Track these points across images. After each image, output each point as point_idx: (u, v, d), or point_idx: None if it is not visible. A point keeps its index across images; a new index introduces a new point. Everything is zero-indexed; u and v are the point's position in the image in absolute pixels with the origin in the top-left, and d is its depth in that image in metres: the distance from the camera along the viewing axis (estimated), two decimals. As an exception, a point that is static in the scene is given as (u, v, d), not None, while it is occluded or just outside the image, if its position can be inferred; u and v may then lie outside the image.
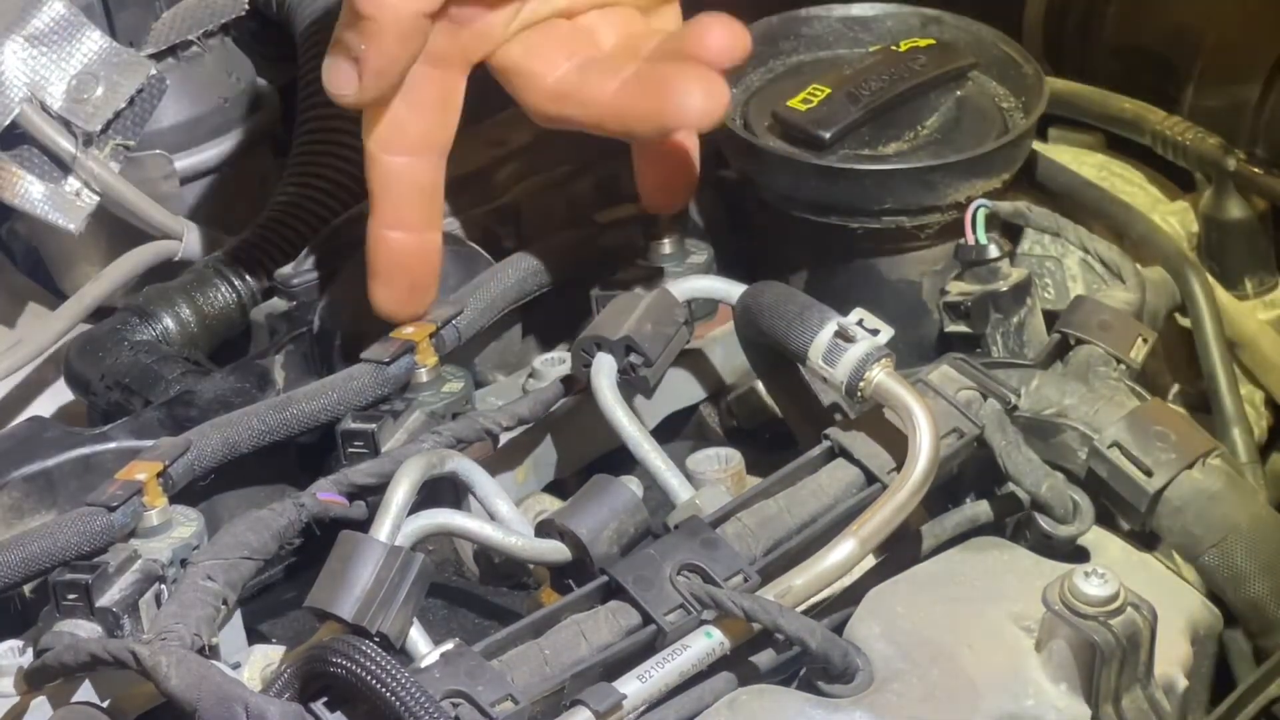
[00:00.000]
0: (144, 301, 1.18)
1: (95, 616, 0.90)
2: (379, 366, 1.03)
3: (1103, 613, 0.86)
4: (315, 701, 0.82)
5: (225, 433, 1.00)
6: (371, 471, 0.96)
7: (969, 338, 1.09)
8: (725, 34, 0.96)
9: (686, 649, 0.86)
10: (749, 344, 1.02)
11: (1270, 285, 1.26)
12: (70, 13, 1.23)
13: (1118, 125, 1.27)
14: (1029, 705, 0.87)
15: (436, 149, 1.01)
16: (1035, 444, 0.98)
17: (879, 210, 1.10)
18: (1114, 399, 1.00)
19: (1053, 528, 0.97)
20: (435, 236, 1.03)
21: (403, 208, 1.01)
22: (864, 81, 1.14)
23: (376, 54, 0.96)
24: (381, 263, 1.02)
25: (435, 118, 1.00)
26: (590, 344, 1.01)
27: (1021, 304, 1.09)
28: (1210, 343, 1.17)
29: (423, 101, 0.99)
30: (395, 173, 1.00)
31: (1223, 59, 1.29)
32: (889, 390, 0.93)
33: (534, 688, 0.84)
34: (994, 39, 1.19)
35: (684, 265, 1.11)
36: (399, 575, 0.87)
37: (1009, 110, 1.16)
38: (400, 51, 0.97)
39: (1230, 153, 1.23)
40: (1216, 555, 0.97)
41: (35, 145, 1.22)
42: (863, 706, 0.86)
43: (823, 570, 0.89)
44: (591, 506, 0.93)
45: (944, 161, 1.10)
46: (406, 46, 0.96)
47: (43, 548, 0.93)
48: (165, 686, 0.81)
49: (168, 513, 0.95)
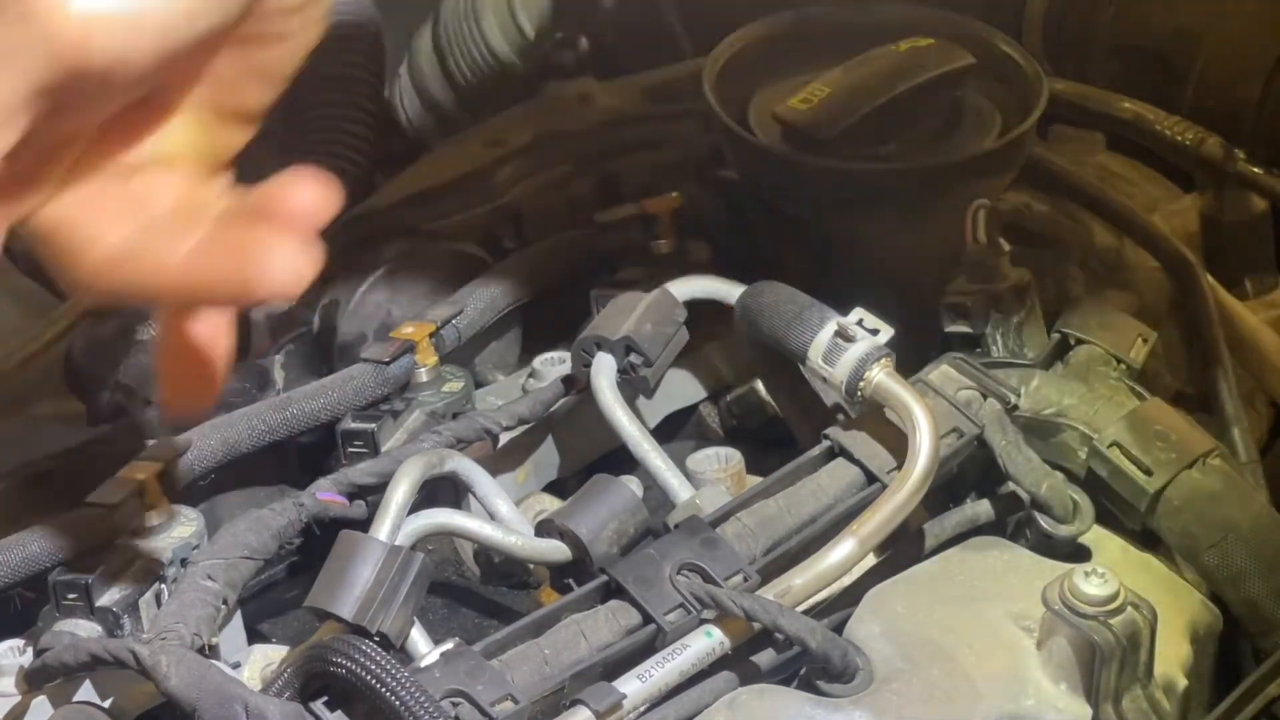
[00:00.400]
0: (144, 301, 1.18)
1: (95, 616, 0.90)
2: (379, 366, 1.03)
3: (1103, 612, 0.86)
4: (315, 701, 0.82)
5: (225, 433, 1.01)
6: (371, 471, 0.96)
7: (969, 337, 1.09)
8: (313, 192, 0.80)
9: (686, 648, 0.86)
10: (748, 344, 1.02)
11: (1270, 285, 1.26)
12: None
13: (1118, 125, 1.27)
14: (1029, 705, 0.87)
15: None
16: (1035, 444, 0.98)
17: (879, 210, 1.10)
18: (1114, 399, 1.00)
19: (1053, 527, 0.97)
20: None
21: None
22: (864, 82, 1.14)
23: None
24: None
25: None
26: (590, 344, 1.01)
27: (1021, 304, 1.09)
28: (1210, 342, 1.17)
29: None
30: None
31: (1223, 59, 1.29)
32: (889, 390, 0.93)
33: (534, 687, 0.84)
34: (994, 39, 1.19)
35: (684, 265, 1.11)
36: (399, 575, 0.87)
37: (1009, 110, 1.16)
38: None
39: (1230, 152, 1.23)
40: (1216, 555, 0.97)
41: (35, 145, 1.21)
42: (862, 706, 0.86)
43: (822, 570, 0.89)
44: (591, 506, 0.93)
45: (944, 161, 1.10)
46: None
47: (43, 548, 0.93)
48: (165, 686, 0.81)
49: (168, 512, 0.95)
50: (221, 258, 0.79)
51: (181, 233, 0.79)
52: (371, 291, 1.13)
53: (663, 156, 1.20)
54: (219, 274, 0.79)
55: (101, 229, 0.78)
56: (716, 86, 1.16)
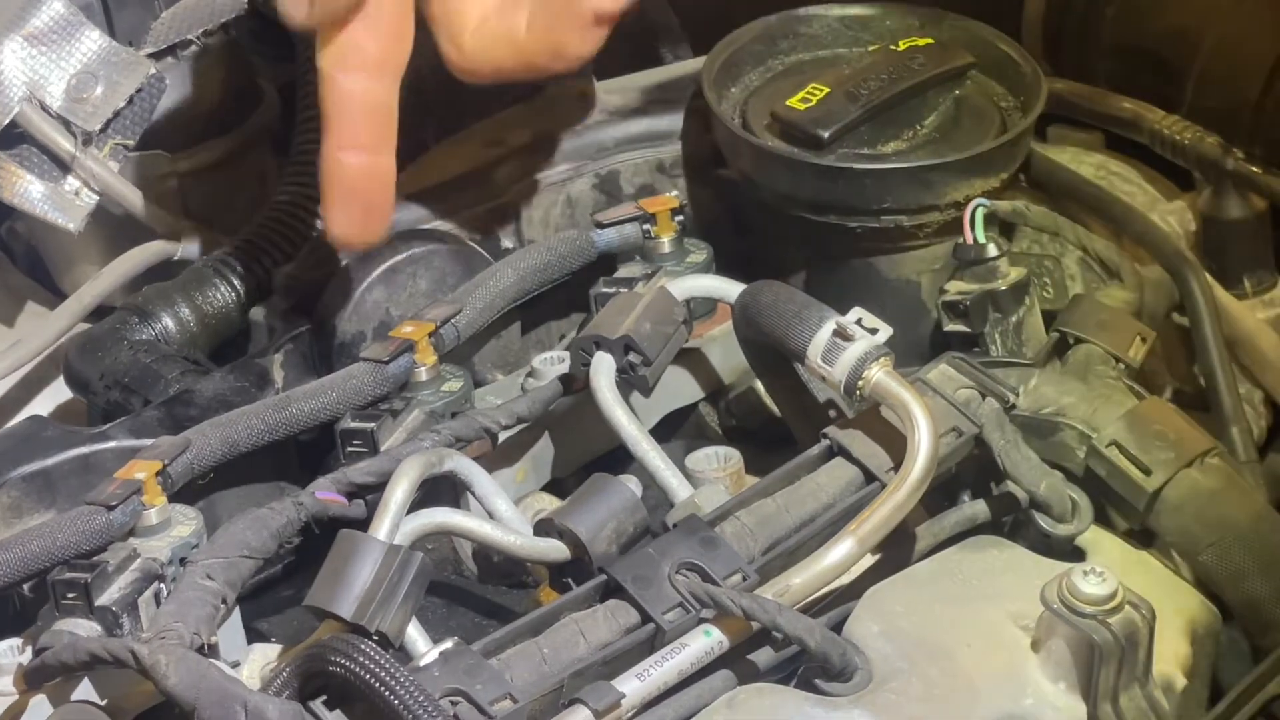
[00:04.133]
0: (143, 301, 1.18)
1: (94, 615, 0.90)
2: (378, 365, 1.03)
3: (1101, 611, 0.86)
4: (314, 700, 0.82)
5: (224, 432, 1.01)
6: (370, 470, 0.96)
7: (967, 337, 1.09)
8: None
9: (685, 647, 0.86)
10: (747, 343, 1.02)
11: (1269, 284, 1.26)
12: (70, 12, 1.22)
13: (1117, 125, 1.27)
14: (1027, 704, 0.88)
15: (392, 70, 1.00)
16: (1034, 443, 0.98)
17: (878, 209, 1.11)
18: (1112, 398, 1.00)
19: (1051, 526, 0.97)
20: (389, 159, 1.01)
21: (358, 129, 1.00)
22: (863, 81, 1.14)
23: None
24: (335, 185, 1.01)
25: (391, 38, 0.99)
26: (589, 343, 1.01)
27: (1020, 303, 1.09)
28: (1209, 342, 1.17)
29: (378, 23, 0.98)
30: (351, 93, 0.99)
31: (1222, 59, 1.29)
32: (888, 389, 0.93)
33: (533, 686, 0.84)
34: (993, 38, 1.19)
35: (683, 264, 1.11)
36: (398, 574, 0.87)
37: (1008, 110, 1.16)
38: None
39: (1229, 152, 1.23)
40: (1215, 554, 0.97)
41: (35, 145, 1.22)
42: (861, 705, 0.86)
43: (821, 569, 0.89)
44: (590, 505, 0.93)
45: (943, 161, 1.10)
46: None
47: (42, 547, 0.93)
48: (164, 685, 0.81)
49: (167, 511, 0.96)
50: (549, 8, 0.97)
51: (521, 10, 0.99)
52: (371, 291, 1.13)
53: (663, 156, 1.20)
54: (552, 20, 0.97)
55: (471, 8, 0.99)
56: (716, 86, 1.17)
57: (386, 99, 1.00)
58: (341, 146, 1.00)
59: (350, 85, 0.99)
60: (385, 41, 0.99)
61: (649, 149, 1.20)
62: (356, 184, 1.01)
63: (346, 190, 1.01)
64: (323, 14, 0.97)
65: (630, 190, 1.19)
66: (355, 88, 0.99)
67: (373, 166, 1.01)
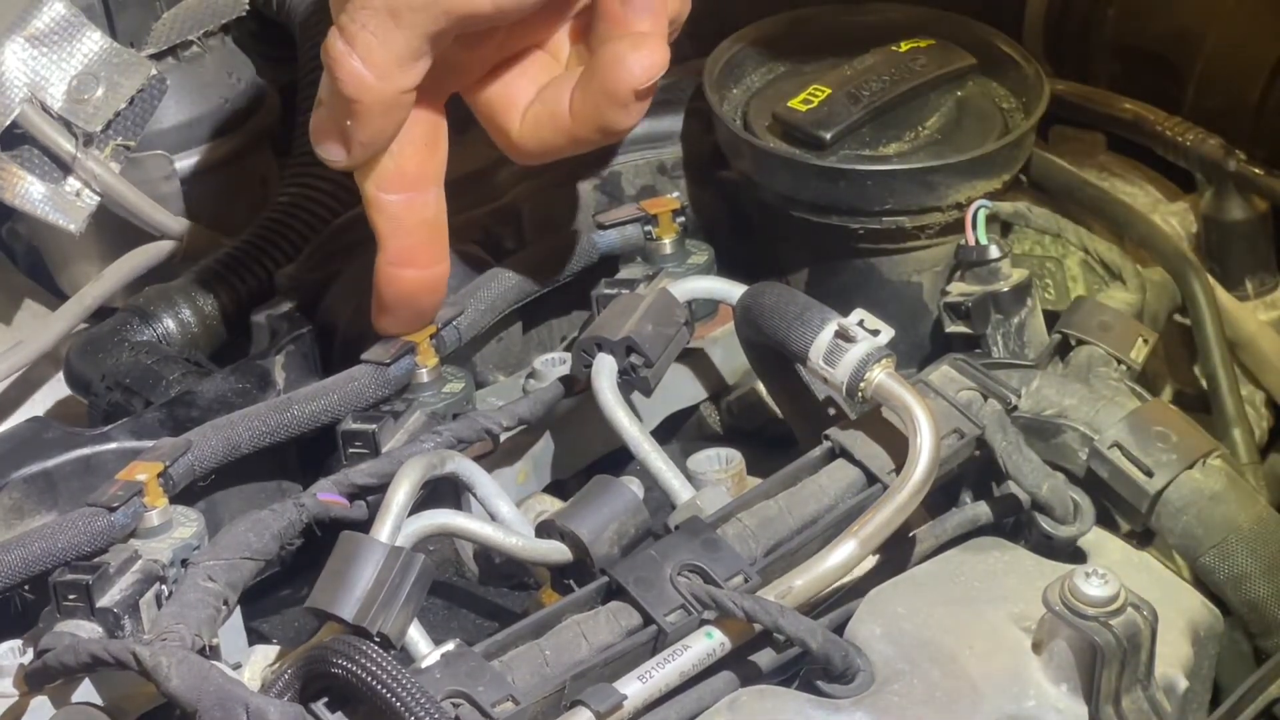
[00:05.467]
0: (144, 302, 1.18)
1: (96, 617, 0.90)
2: (379, 367, 1.03)
3: (1103, 613, 0.86)
4: (316, 702, 0.82)
5: (226, 433, 1.00)
6: (372, 472, 0.96)
7: (969, 338, 1.09)
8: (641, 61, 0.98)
9: (687, 649, 0.86)
10: (749, 344, 1.02)
11: (1271, 286, 1.26)
12: (70, 13, 1.23)
13: (1118, 125, 1.27)
14: (1029, 706, 0.87)
15: (433, 181, 1.02)
16: (1036, 444, 0.98)
17: (879, 211, 1.11)
18: (1114, 399, 1.00)
19: (1053, 528, 0.97)
20: (442, 269, 1.03)
21: (411, 244, 1.01)
22: (864, 82, 1.14)
23: (363, 129, 0.97)
24: (390, 299, 1.02)
25: (427, 152, 1.01)
26: (591, 344, 1.01)
27: (1022, 304, 1.09)
28: (1211, 343, 1.17)
29: (413, 141, 1.00)
30: (397, 210, 1.00)
31: (1223, 59, 1.29)
32: (889, 391, 0.93)
33: (535, 688, 0.84)
34: (995, 39, 1.19)
35: (684, 266, 1.11)
36: (400, 576, 0.87)
37: (1009, 111, 1.16)
38: (386, 124, 0.98)
39: (1230, 153, 1.23)
40: (1217, 556, 0.97)
41: (35, 145, 1.22)
42: (863, 707, 0.86)
43: (823, 571, 0.89)
44: (592, 507, 0.93)
45: (944, 162, 1.10)
46: (392, 118, 0.98)
47: (43, 548, 0.93)
48: (166, 687, 0.81)
49: (168, 513, 0.95)
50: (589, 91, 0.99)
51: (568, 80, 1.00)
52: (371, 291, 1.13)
53: (664, 158, 1.20)
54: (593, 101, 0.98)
55: (518, 98, 1.02)
56: (716, 87, 1.17)
57: (433, 210, 1.01)
58: (395, 264, 1.01)
59: (396, 203, 1.00)
60: (420, 157, 1.00)
61: (650, 150, 1.20)
62: (410, 297, 1.02)
63: (399, 302, 1.02)
64: (364, 153, 0.99)
65: (632, 192, 1.19)
66: (401, 205, 1.00)
67: (428, 279, 1.02)
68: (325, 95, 0.98)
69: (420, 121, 1.00)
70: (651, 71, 0.98)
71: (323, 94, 0.98)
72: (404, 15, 0.93)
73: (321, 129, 0.99)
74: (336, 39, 0.95)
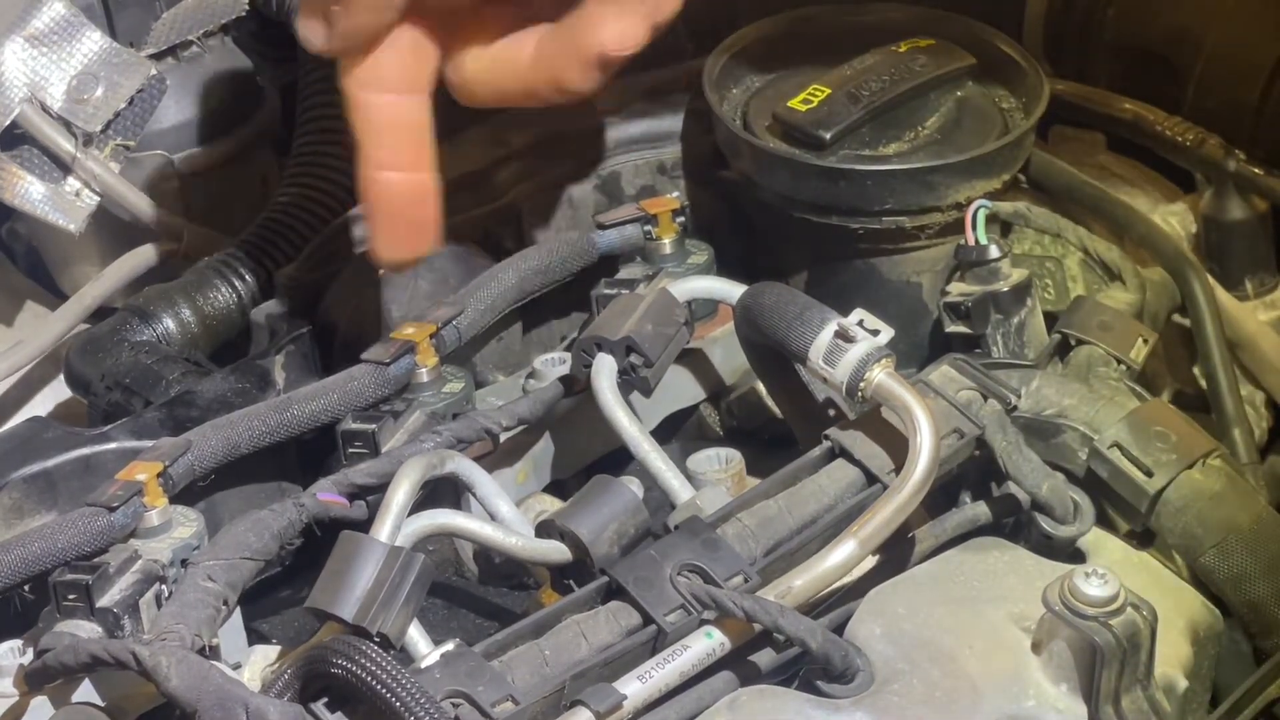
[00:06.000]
0: (144, 302, 1.18)
1: (95, 617, 0.90)
2: (379, 367, 1.03)
3: (1103, 613, 0.86)
4: (316, 702, 0.82)
5: (225, 433, 1.00)
6: (372, 472, 0.96)
7: (969, 338, 1.09)
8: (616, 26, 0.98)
9: (687, 649, 0.86)
10: (749, 344, 1.02)
11: (1271, 286, 1.26)
12: (70, 13, 1.23)
13: (1118, 125, 1.27)
14: (1029, 706, 0.87)
15: (420, 86, 0.99)
16: (1035, 444, 0.98)
17: (879, 211, 1.11)
18: (1114, 399, 1.00)
19: (1053, 528, 0.97)
20: (428, 176, 1.00)
21: (392, 148, 0.99)
22: (864, 82, 1.14)
23: (348, 17, 0.95)
24: (377, 206, 1.00)
25: (410, 58, 0.99)
26: (591, 344, 1.01)
27: (1022, 304, 1.09)
28: (1210, 343, 1.17)
29: (395, 44, 0.98)
30: (377, 112, 0.98)
31: (1223, 59, 1.29)
32: (889, 390, 0.93)
33: (534, 688, 0.84)
34: (995, 39, 1.19)
35: (684, 265, 1.11)
36: (399, 576, 0.87)
37: (1009, 111, 1.16)
38: (371, 19, 0.96)
39: (1230, 153, 1.23)
40: (1217, 556, 0.97)
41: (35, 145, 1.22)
42: (863, 707, 0.86)
43: (823, 571, 0.89)
44: (592, 507, 0.93)
45: (944, 162, 1.10)
46: (378, 15, 0.96)
47: (43, 548, 0.93)
48: (166, 687, 0.81)
49: (168, 513, 0.96)
50: (557, 43, 0.97)
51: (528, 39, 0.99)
52: (371, 291, 1.13)
53: (664, 158, 1.20)
54: (558, 55, 0.97)
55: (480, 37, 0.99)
56: (716, 87, 1.16)
57: (419, 115, 0.99)
58: (379, 167, 0.99)
59: (376, 103, 0.98)
60: (408, 61, 0.98)
61: (650, 150, 1.20)
62: (399, 203, 1.00)
63: (390, 210, 1.00)
64: (342, 43, 0.96)
65: (631, 191, 1.19)
66: (384, 108, 0.98)
67: (413, 183, 1.00)
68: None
69: (405, 28, 0.97)
70: (625, 41, 0.96)
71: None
72: None
73: (308, 7, 0.96)
74: None
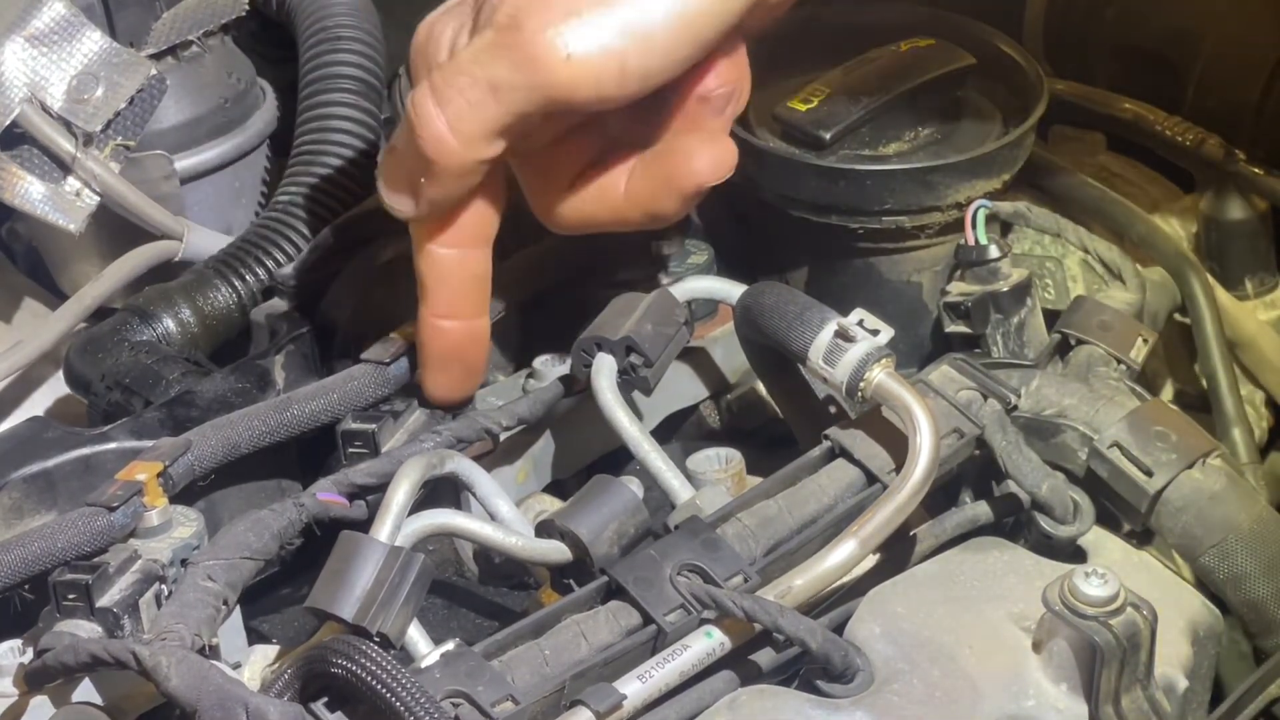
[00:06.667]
0: (144, 302, 1.18)
1: (95, 616, 0.90)
2: (379, 367, 1.03)
3: (1103, 613, 0.86)
4: (316, 702, 0.82)
5: (225, 433, 1.00)
6: (372, 471, 0.96)
7: (969, 338, 1.09)
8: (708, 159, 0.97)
9: (687, 649, 0.86)
10: (749, 344, 1.02)
11: (1270, 286, 1.26)
12: (70, 13, 1.23)
13: (1118, 125, 1.28)
14: (1029, 706, 0.87)
15: (486, 240, 1.01)
16: (1035, 444, 0.98)
17: (879, 210, 1.11)
18: (1114, 399, 1.00)
19: (1053, 528, 0.97)
20: (485, 322, 1.02)
21: (456, 298, 1.00)
22: (864, 82, 1.14)
23: (436, 189, 0.96)
24: (434, 351, 1.01)
25: (486, 212, 1.00)
26: (590, 344, 1.01)
27: (1022, 304, 1.09)
28: (1210, 343, 1.17)
29: (475, 201, 0.99)
30: (449, 264, 1.00)
31: (1223, 59, 1.29)
32: (889, 390, 0.93)
33: (534, 688, 0.84)
34: (995, 39, 1.19)
35: (685, 265, 1.11)
36: (399, 575, 0.87)
37: (1009, 111, 1.16)
38: (459, 187, 0.97)
39: (1230, 153, 1.23)
40: (1216, 556, 0.97)
41: (35, 145, 1.22)
42: (863, 707, 0.86)
43: (823, 571, 0.89)
44: (592, 507, 0.93)
45: (944, 162, 1.10)
46: (465, 183, 0.96)
47: (43, 548, 0.93)
48: (166, 687, 0.81)
49: (168, 513, 0.95)
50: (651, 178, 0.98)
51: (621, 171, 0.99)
52: (372, 291, 1.13)
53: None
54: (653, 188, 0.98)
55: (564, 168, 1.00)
56: (717, 87, 1.16)
57: (483, 267, 1.01)
58: (439, 314, 1.00)
59: (447, 257, 0.99)
60: (478, 216, 0.99)
61: (650, 150, 1.19)
62: (455, 350, 1.01)
63: (445, 356, 1.01)
64: (430, 210, 0.97)
65: (631, 191, 1.19)
66: (452, 260, 0.99)
67: (470, 331, 1.01)
68: (402, 147, 0.96)
69: (485, 184, 0.98)
70: (721, 170, 0.97)
71: (399, 144, 0.96)
72: (504, 92, 0.91)
73: (392, 179, 0.97)
74: (427, 98, 0.93)
